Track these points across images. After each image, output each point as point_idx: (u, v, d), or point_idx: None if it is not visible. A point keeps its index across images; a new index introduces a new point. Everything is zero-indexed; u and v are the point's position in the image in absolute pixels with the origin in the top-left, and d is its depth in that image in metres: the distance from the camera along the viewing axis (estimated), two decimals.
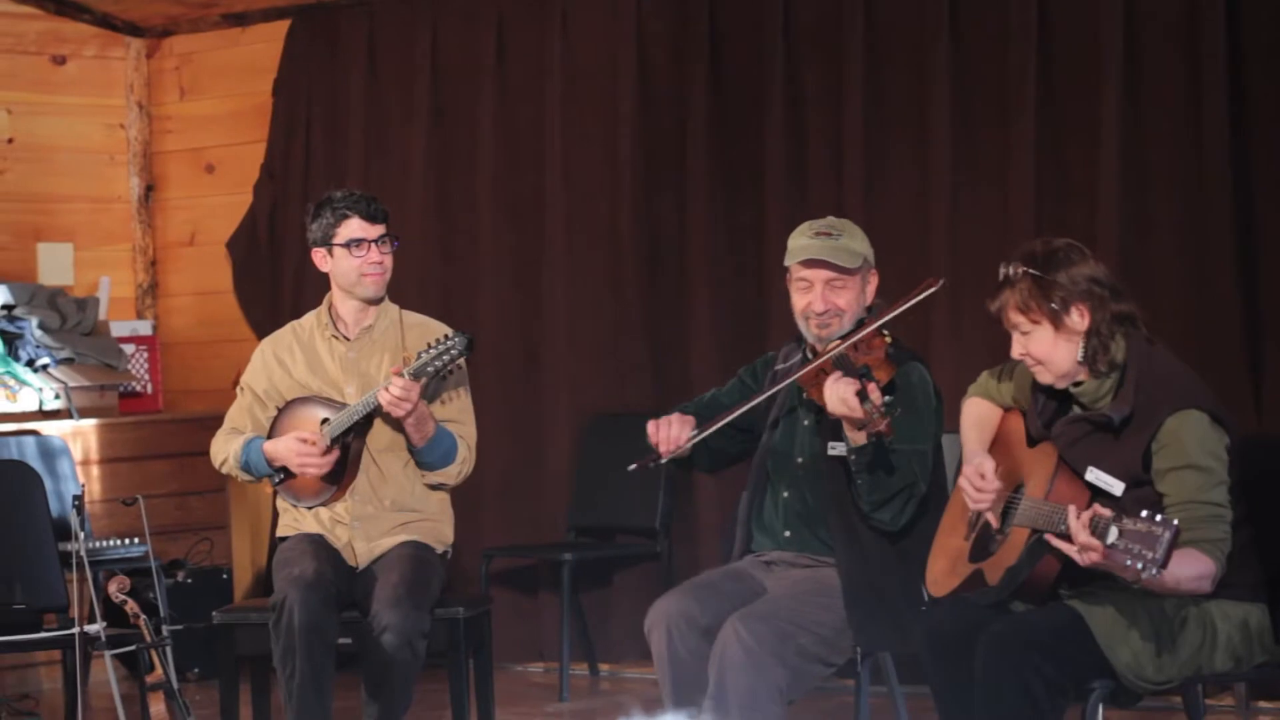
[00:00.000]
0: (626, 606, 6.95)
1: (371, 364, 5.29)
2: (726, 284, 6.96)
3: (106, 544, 6.69)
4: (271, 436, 5.28)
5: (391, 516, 5.25)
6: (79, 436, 7.29)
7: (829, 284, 4.68)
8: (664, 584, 6.38)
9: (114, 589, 4.95)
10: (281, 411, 5.31)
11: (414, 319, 5.38)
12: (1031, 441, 4.31)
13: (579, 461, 7.18)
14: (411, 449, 5.20)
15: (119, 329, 7.86)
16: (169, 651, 5.00)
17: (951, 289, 6.41)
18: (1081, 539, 3.81)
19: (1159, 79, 6.18)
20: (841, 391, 4.38)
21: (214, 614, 5.33)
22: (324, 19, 7.83)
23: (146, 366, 7.90)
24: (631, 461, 4.85)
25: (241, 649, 5.26)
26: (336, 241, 5.26)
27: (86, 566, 5.02)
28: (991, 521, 4.26)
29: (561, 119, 7.27)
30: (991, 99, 6.47)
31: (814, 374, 4.56)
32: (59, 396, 7.38)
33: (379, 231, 5.27)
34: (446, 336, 5.03)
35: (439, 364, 5.00)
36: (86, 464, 7.28)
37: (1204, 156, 6.09)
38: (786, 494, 4.79)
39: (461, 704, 5.29)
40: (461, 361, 5.11)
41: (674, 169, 7.08)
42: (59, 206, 8.05)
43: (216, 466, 5.38)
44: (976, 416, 4.46)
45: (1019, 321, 4.17)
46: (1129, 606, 4.03)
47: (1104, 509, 3.82)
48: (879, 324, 4.53)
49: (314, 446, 5.15)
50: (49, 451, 6.92)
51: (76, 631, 5.28)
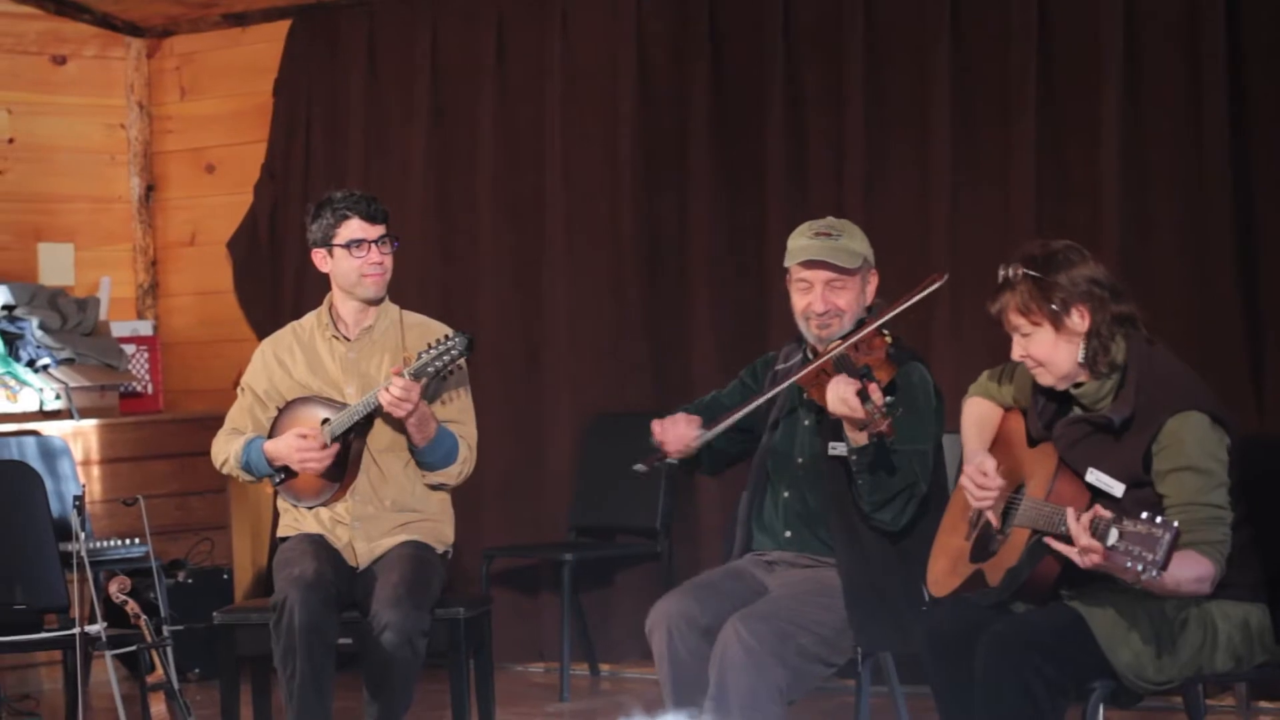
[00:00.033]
0: (627, 606, 6.94)
1: (372, 364, 5.29)
2: (727, 284, 6.96)
3: (107, 544, 6.69)
4: (272, 437, 5.29)
5: (392, 517, 5.25)
6: (79, 437, 7.29)
7: (829, 284, 4.68)
8: (665, 584, 6.38)
9: (115, 589, 4.94)
10: (282, 412, 5.31)
11: (414, 319, 5.38)
12: (1032, 442, 4.30)
13: (580, 461, 7.18)
14: (413, 449, 5.20)
15: (119, 329, 7.86)
16: (169, 652, 5.00)
17: (952, 289, 6.41)
18: (1083, 541, 3.81)
19: (1159, 79, 6.18)
20: (842, 392, 4.39)
21: (214, 614, 5.33)
22: (324, 19, 7.82)
23: (147, 367, 7.90)
24: (633, 460, 4.85)
25: (242, 649, 5.26)
26: (337, 242, 5.26)
27: (87, 567, 5.02)
28: (992, 521, 4.26)
29: (562, 119, 7.27)
30: (992, 99, 6.47)
31: (815, 374, 4.57)
32: (59, 397, 7.37)
33: (379, 232, 5.27)
34: (447, 337, 5.03)
35: (439, 364, 5.00)
36: (87, 464, 7.28)
37: (1204, 156, 6.09)
38: (787, 494, 4.79)
39: (462, 704, 5.28)
40: (462, 362, 5.11)
41: (674, 169, 7.07)
42: (59, 207, 8.04)
43: (217, 467, 5.38)
44: (977, 416, 4.45)
45: (1019, 323, 4.17)
46: (1129, 607, 4.03)
47: (1104, 510, 3.82)
48: (881, 322, 4.53)
49: (313, 440, 5.16)
50: (49, 452, 6.91)
51: (77, 632, 5.28)
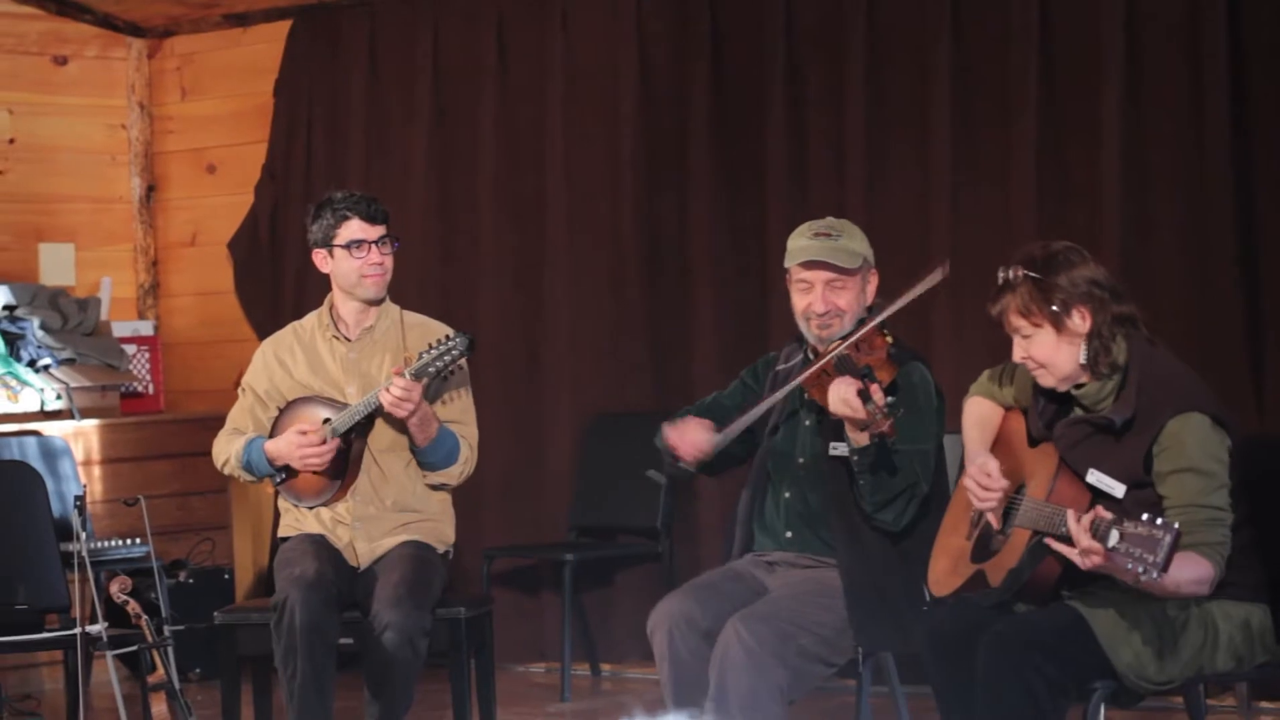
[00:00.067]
0: (628, 606, 6.94)
1: (373, 364, 5.29)
2: (728, 284, 6.96)
3: (108, 544, 6.70)
4: (272, 437, 5.28)
5: (393, 517, 5.25)
6: (80, 437, 7.29)
7: (829, 285, 4.68)
8: (665, 584, 6.38)
9: (115, 589, 4.94)
10: (283, 412, 5.31)
11: (415, 319, 5.38)
12: (1033, 442, 4.30)
13: (580, 461, 7.18)
14: (414, 449, 5.20)
15: (120, 329, 7.86)
16: (170, 652, 5.00)
17: (952, 289, 6.40)
18: (1083, 542, 3.80)
19: (1160, 79, 6.17)
20: (844, 392, 4.38)
21: (215, 614, 5.33)
22: (325, 19, 7.82)
23: (148, 367, 7.90)
24: (634, 459, 4.85)
25: (243, 649, 5.26)
26: (337, 243, 5.26)
27: (88, 567, 5.02)
28: (993, 522, 4.25)
29: (563, 119, 7.27)
30: (993, 99, 6.47)
31: (816, 375, 4.56)
32: (60, 397, 7.37)
33: (379, 232, 5.27)
34: (448, 337, 5.03)
35: (440, 364, 5.00)
36: (88, 464, 7.28)
37: (1205, 157, 6.09)
38: (788, 494, 4.78)
39: (463, 704, 5.28)
40: (463, 362, 5.11)
41: (675, 169, 7.07)
42: (60, 207, 8.04)
43: (218, 467, 5.38)
44: (978, 416, 4.45)
45: (1020, 325, 4.16)
46: (1131, 607, 4.02)
47: (1105, 512, 3.82)
48: (883, 316, 4.53)
49: (313, 435, 5.15)
50: (50, 452, 6.92)
51: (78, 632, 5.28)
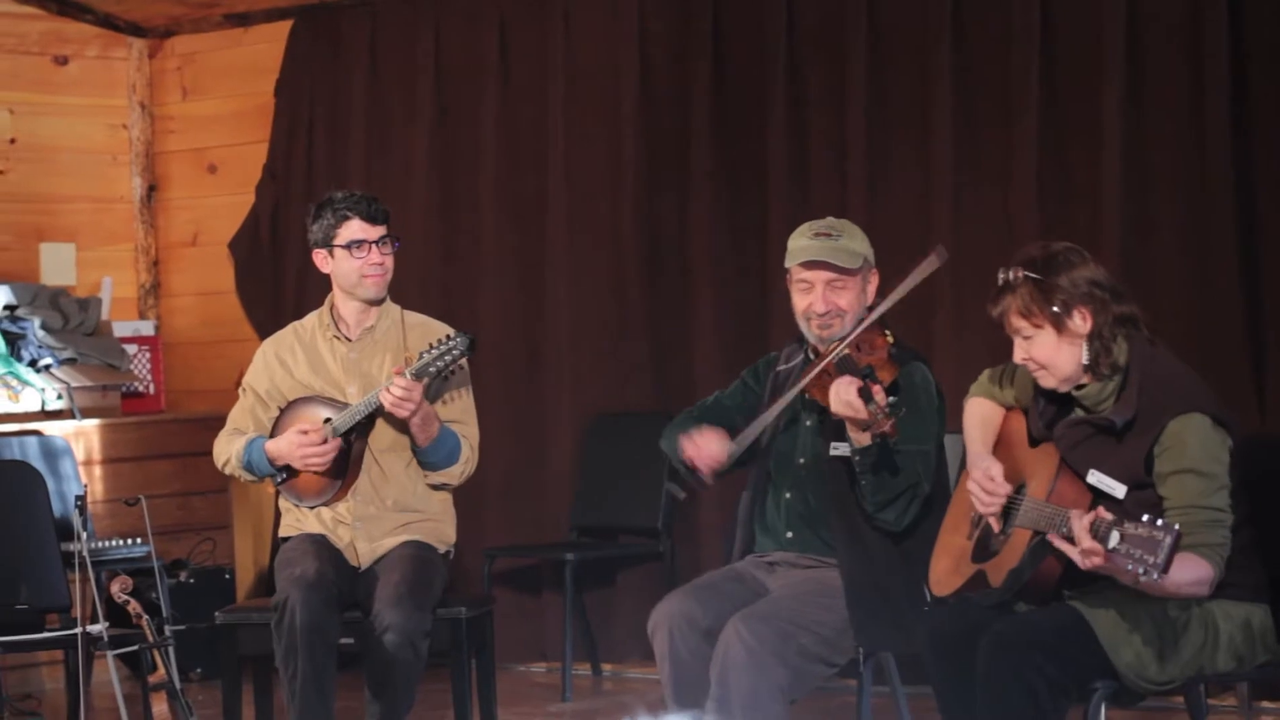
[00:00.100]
0: (629, 606, 6.94)
1: (373, 364, 5.29)
2: (729, 284, 6.96)
3: (109, 544, 6.70)
4: (273, 437, 5.28)
5: (393, 517, 5.25)
6: (81, 437, 7.29)
7: (830, 285, 4.68)
8: (666, 584, 6.38)
9: (116, 589, 4.94)
10: (283, 412, 5.31)
11: (416, 319, 5.38)
12: (1033, 441, 4.30)
13: (581, 461, 7.18)
14: (416, 449, 5.20)
15: (121, 329, 7.87)
16: (171, 651, 4.99)
17: (953, 289, 6.42)
18: (1084, 543, 3.80)
19: (1161, 80, 6.17)
20: (845, 393, 4.38)
21: (216, 614, 5.33)
22: (326, 19, 7.83)
23: (149, 367, 7.90)
24: (634, 458, 4.85)
25: (244, 649, 5.26)
26: (337, 243, 5.26)
27: (89, 567, 5.02)
28: (993, 525, 4.25)
29: (564, 119, 7.27)
30: (994, 99, 6.46)
31: (817, 376, 4.56)
32: (61, 397, 7.38)
33: (380, 232, 5.27)
34: (448, 337, 5.03)
35: (441, 364, 5.00)
36: (89, 464, 7.28)
37: (1206, 157, 6.09)
38: (789, 495, 4.78)
39: (464, 704, 5.28)
40: (464, 362, 5.12)
41: (676, 169, 7.07)
42: (61, 207, 8.05)
43: (219, 467, 5.38)
44: (980, 417, 4.44)
45: (1021, 326, 4.16)
46: (1131, 607, 4.02)
47: (1106, 513, 3.82)
48: (883, 308, 4.52)
49: (314, 435, 5.15)
50: (51, 452, 6.92)
51: (79, 632, 5.28)
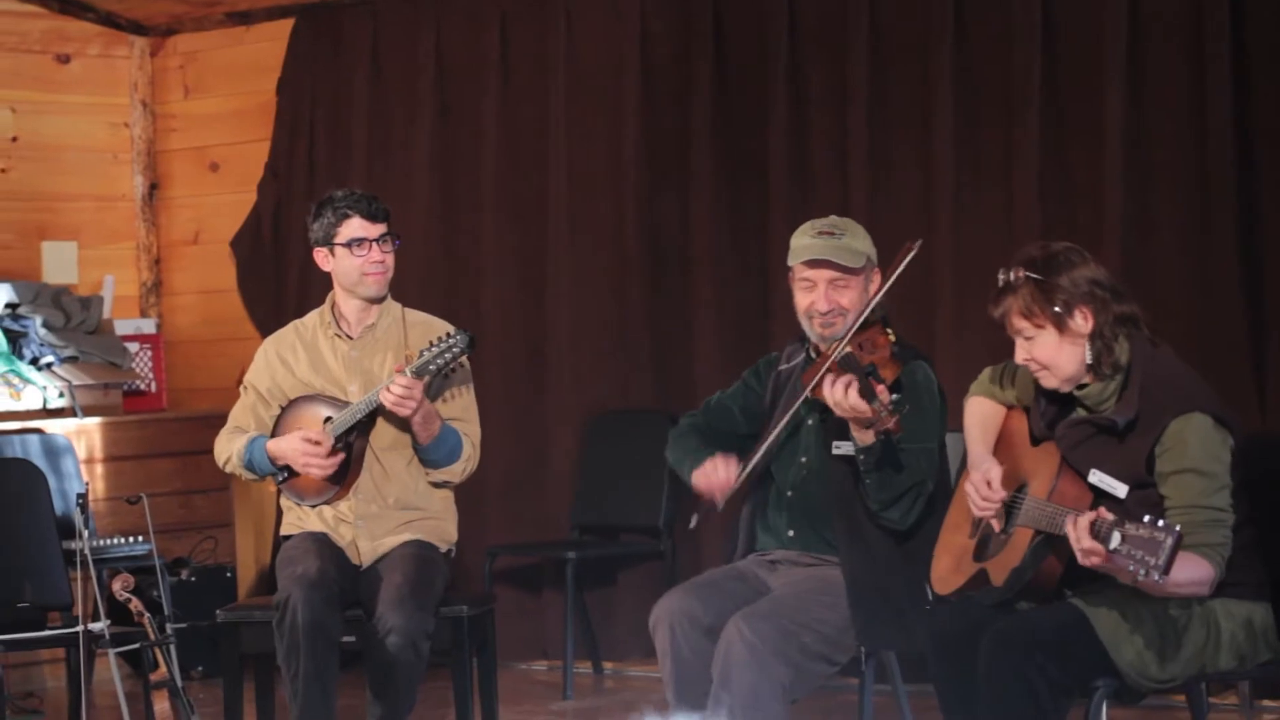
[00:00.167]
0: (630, 605, 6.94)
1: (374, 362, 5.29)
2: (730, 283, 6.96)
3: (110, 542, 6.70)
4: (275, 435, 5.29)
5: (395, 515, 5.25)
6: (83, 435, 7.29)
7: (832, 283, 4.68)
8: (667, 583, 6.37)
9: (118, 587, 4.94)
10: (285, 410, 5.31)
11: (417, 317, 5.38)
12: (1034, 440, 4.30)
13: (583, 460, 7.18)
14: (417, 447, 5.20)
15: (123, 327, 7.87)
16: (173, 650, 4.98)
17: (954, 289, 6.43)
18: (1085, 543, 3.80)
19: (1163, 80, 6.17)
20: (848, 392, 4.38)
21: (218, 612, 5.33)
22: (328, 18, 7.83)
23: (150, 365, 7.90)
24: (635, 458, 4.84)
25: (245, 647, 5.26)
26: (338, 241, 5.26)
27: (90, 565, 5.02)
28: (994, 525, 4.26)
29: (565, 118, 7.27)
30: (995, 99, 6.46)
31: (821, 377, 4.55)
32: (63, 395, 7.38)
33: (380, 230, 5.27)
34: (448, 334, 5.03)
35: (441, 362, 5.00)
36: (90, 462, 7.29)
37: (1207, 157, 6.08)
38: (790, 493, 4.78)
39: (465, 702, 5.29)
40: (465, 359, 5.11)
41: (678, 168, 7.07)
42: (63, 205, 8.05)
43: (220, 465, 5.38)
44: (981, 416, 4.44)
45: (1023, 327, 4.16)
46: (1133, 606, 4.02)
47: (1107, 513, 3.82)
48: (871, 304, 4.52)
49: (320, 447, 5.16)
50: (53, 450, 6.92)
51: (80, 630, 5.28)
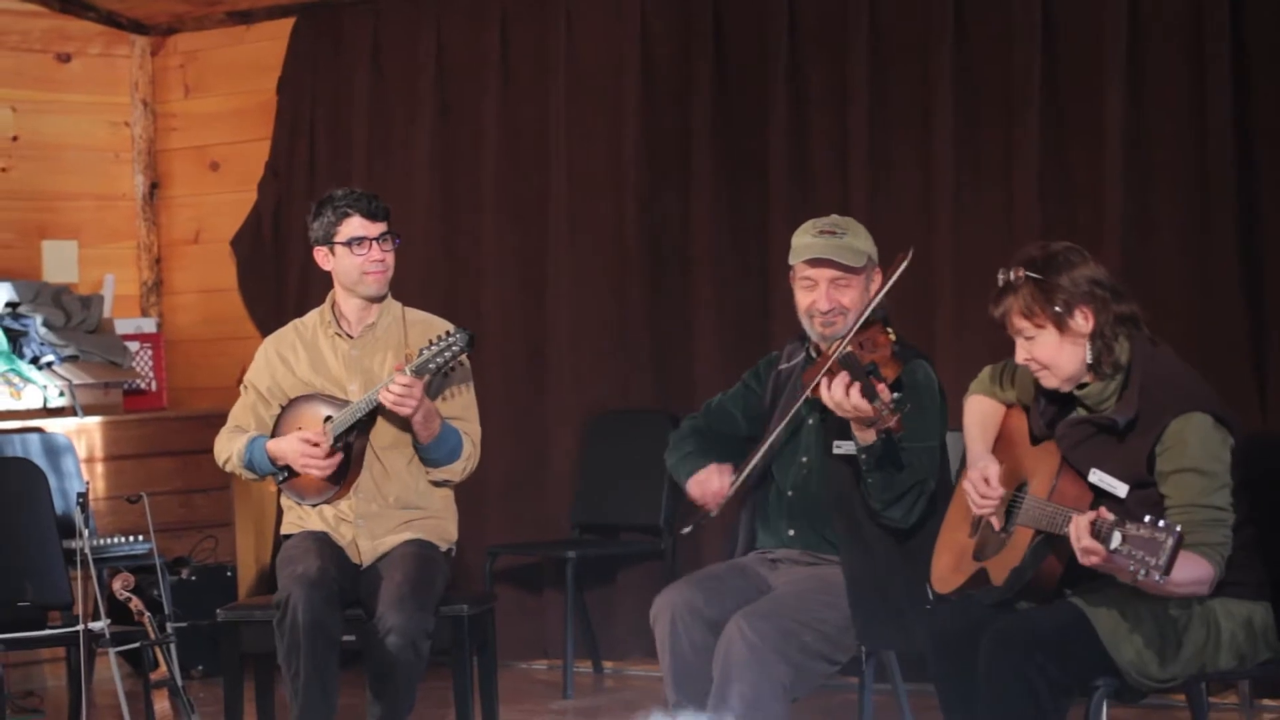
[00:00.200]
0: (630, 604, 6.94)
1: (375, 361, 5.29)
2: (730, 283, 6.96)
3: (111, 541, 6.70)
4: (275, 434, 5.29)
5: (395, 514, 5.25)
6: (83, 434, 7.29)
7: (833, 282, 4.68)
8: (667, 581, 6.35)
9: (118, 586, 4.94)
10: (285, 409, 5.32)
11: (417, 316, 5.38)
12: (1034, 439, 4.30)
13: (583, 459, 7.18)
14: (418, 446, 5.20)
15: (123, 326, 7.87)
16: (173, 649, 4.99)
17: (955, 289, 6.43)
18: (1084, 543, 3.80)
19: (1163, 80, 6.17)
20: (849, 390, 4.38)
21: (218, 611, 5.33)
22: (328, 17, 7.83)
23: (151, 364, 7.91)
24: (635, 457, 4.85)
25: (246, 646, 5.27)
26: (338, 240, 5.26)
27: (91, 564, 5.03)
28: (994, 523, 4.26)
29: (566, 118, 7.27)
30: (995, 99, 6.46)
31: (821, 375, 4.56)
32: (63, 394, 7.38)
33: (380, 229, 5.27)
34: (448, 333, 5.03)
35: (441, 360, 5.00)
36: (91, 461, 7.29)
37: (1207, 157, 6.09)
38: (791, 493, 4.79)
39: (465, 701, 5.29)
40: (464, 358, 5.11)
41: (678, 168, 7.07)
42: (64, 204, 8.05)
43: (220, 464, 5.38)
44: (980, 414, 4.44)
45: (1023, 326, 4.16)
46: (1133, 605, 4.03)
47: (1108, 513, 3.82)
48: (865, 314, 4.53)
49: (319, 448, 5.16)
50: (53, 449, 6.92)
51: (81, 629, 5.29)
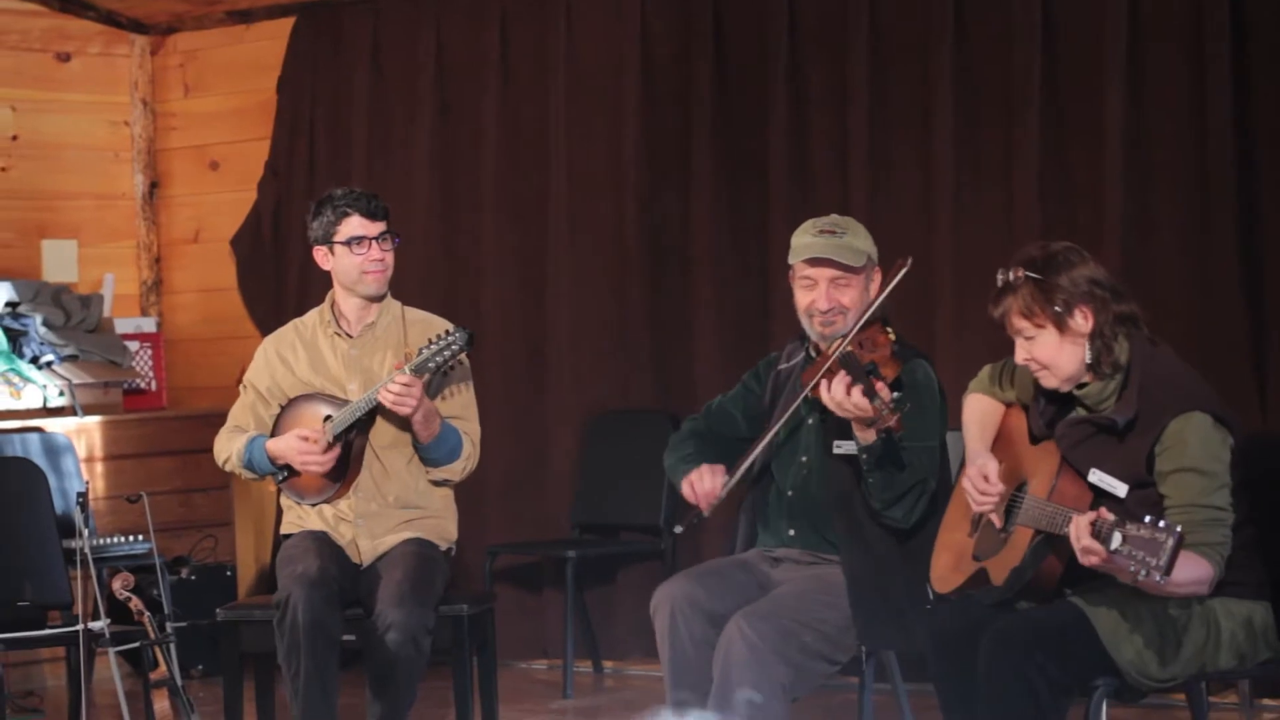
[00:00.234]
0: (630, 604, 6.94)
1: (374, 361, 5.29)
2: (730, 282, 6.96)
3: (110, 541, 6.70)
4: (274, 434, 5.29)
5: (395, 513, 5.25)
6: (83, 433, 7.29)
7: (833, 282, 4.68)
8: None
9: (118, 586, 4.94)
10: (284, 409, 5.32)
11: (416, 315, 5.38)
12: (1034, 439, 4.30)
13: (583, 459, 7.18)
14: (418, 446, 5.20)
15: (123, 326, 7.87)
16: (173, 649, 4.99)
17: (954, 289, 6.43)
18: (1085, 544, 3.80)
19: (1163, 80, 6.17)
20: (850, 390, 4.38)
21: (218, 611, 5.34)
22: (328, 16, 7.83)
23: (150, 363, 7.91)
24: (635, 457, 4.85)
25: (246, 646, 5.27)
26: (337, 239, 5.26)
27: (90, 563, 5.03)
28: (995, 521, 4.26)
29: (565, 117, 7.27)
30: (995, 99, 6.46)
31: (820, 375, 4.56)
32: (63, 393, 7.38)
33: (379, 229, 5.27)
34: (447, 332, 5.03)
35: (440, 359, 5.00)
36: (90, 461, 7.29)
37: (1207, 157, 6.09)
38: (791, 493, 4.79)
39: (465, 701, 5.29)
40: (464, 357, 5.11)
41: (678, 167, 7.07)
42: (63, 203, 8.05)
43: (220, 464, 5.38)
44: (979, 413, 4.45)
45: (1023, 327, 4.16)
46: (1133, 605, 4.03)
47: (1108, 514, 3.82)
48: (863, 319, 4.53)
49: (314, 444, 5.16)
50: (53, 448, 6.92)
51: (81, 629, 5.29)
